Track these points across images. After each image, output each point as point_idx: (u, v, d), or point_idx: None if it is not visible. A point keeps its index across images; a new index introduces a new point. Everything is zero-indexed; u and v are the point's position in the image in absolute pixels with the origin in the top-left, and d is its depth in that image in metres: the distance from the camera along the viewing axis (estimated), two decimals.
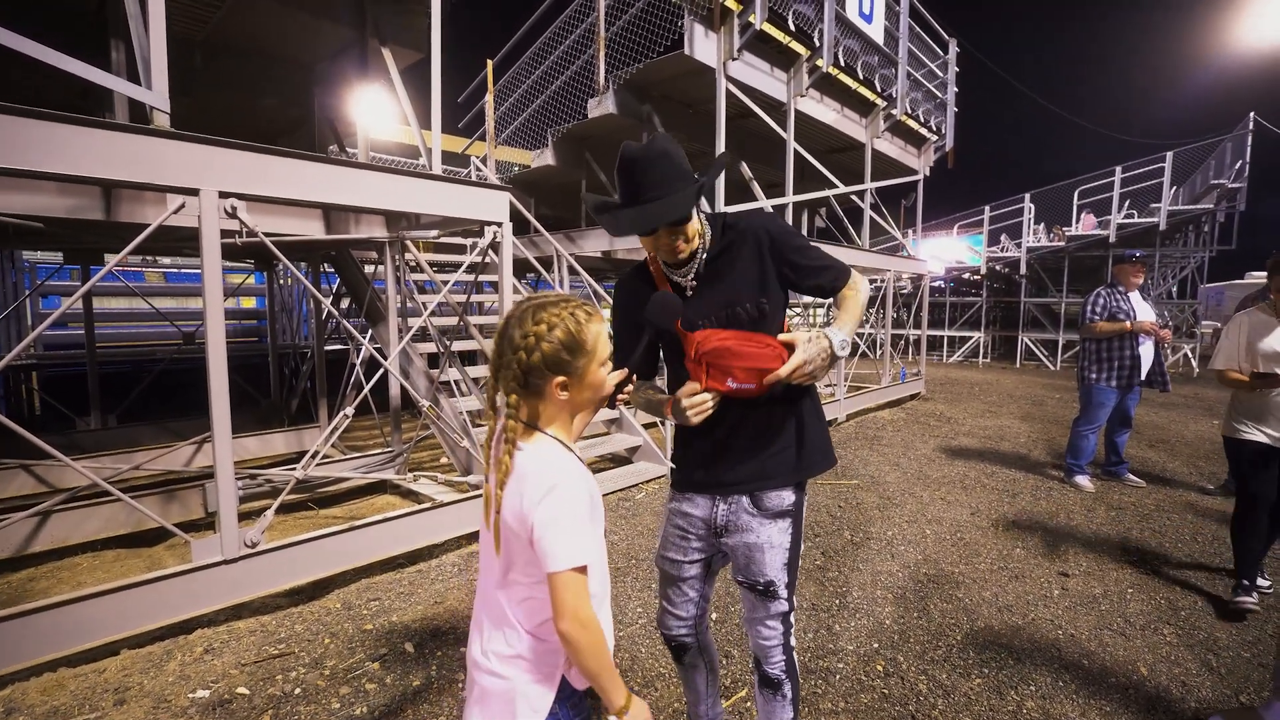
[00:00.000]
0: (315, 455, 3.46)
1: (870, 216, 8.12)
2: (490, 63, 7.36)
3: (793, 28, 5.82)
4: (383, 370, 3.64)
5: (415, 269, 5.16)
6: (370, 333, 5.18)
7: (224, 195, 2.75)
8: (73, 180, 2.71)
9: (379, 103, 4.93)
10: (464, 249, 6.88)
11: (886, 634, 2.79)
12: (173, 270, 9.93)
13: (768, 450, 1.61)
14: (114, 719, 2.23)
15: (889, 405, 8.70)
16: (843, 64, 6.51)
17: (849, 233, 8.43)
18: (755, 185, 6.15)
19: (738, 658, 2.60)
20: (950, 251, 15.66)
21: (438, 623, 2.89)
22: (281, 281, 8.42)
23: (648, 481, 5.03)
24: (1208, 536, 3.90)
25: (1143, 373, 4.72)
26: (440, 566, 3.53)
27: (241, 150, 2.78)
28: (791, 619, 1.64)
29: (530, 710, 1.14)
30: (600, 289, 5.63)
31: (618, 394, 1.33)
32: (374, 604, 3.09)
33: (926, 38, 8.66)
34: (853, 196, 7.94)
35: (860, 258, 7.63)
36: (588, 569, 1.09)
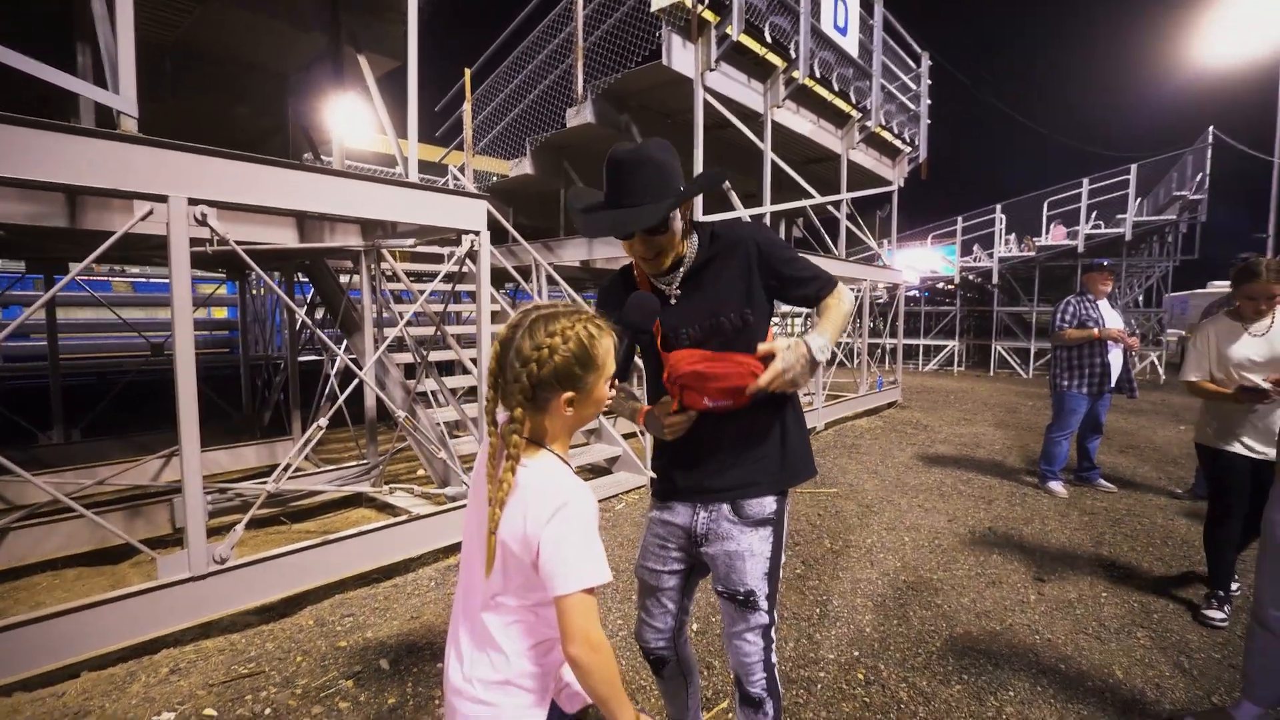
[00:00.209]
0: (288, 468, 3.38)
1: (846, 227, 8.22)
2: (468, 71, 7.34)
3: (769, 39, 5.88)
4: (358, 381, 3.58)
5: (391, 278, 5.09)
6: (345, 343, 5.10)
7: (194, 202, 2.68)
8: (35, 186, 2.64)
9: (354, 110, 4.87)
10: (441, 258, 6.83)
11: (867, 642, 2.79)
12: (142, 280, 9.72)
13: (750, 456, 1.60)
14: None
15: (867, 414, 8.78)
16: (818, 76, 6.59)
17: (825, 243, 8.52)
18: (733, 195, 6.18)
19: (719, 669, 2.58)
20: (925, 261, 15.90)
21: (414, 638, 2.83)
22: (254, 291, 8.27)
23: (628, 492, 5.00)
24: (1178, 540, 3.98)
25: (1113, 380, 4.82)
26: (417, 580, 3.46)
27: (212, 156, 2.72)
28: (772, 634, 1.60)
29: None
30: (579, 299, 5.61)
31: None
32: (348, 620, 3.02)
33: (900, 51, 8.83)
34: (829, 207, 8.03)
35: (837, 267, 7.69)
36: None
